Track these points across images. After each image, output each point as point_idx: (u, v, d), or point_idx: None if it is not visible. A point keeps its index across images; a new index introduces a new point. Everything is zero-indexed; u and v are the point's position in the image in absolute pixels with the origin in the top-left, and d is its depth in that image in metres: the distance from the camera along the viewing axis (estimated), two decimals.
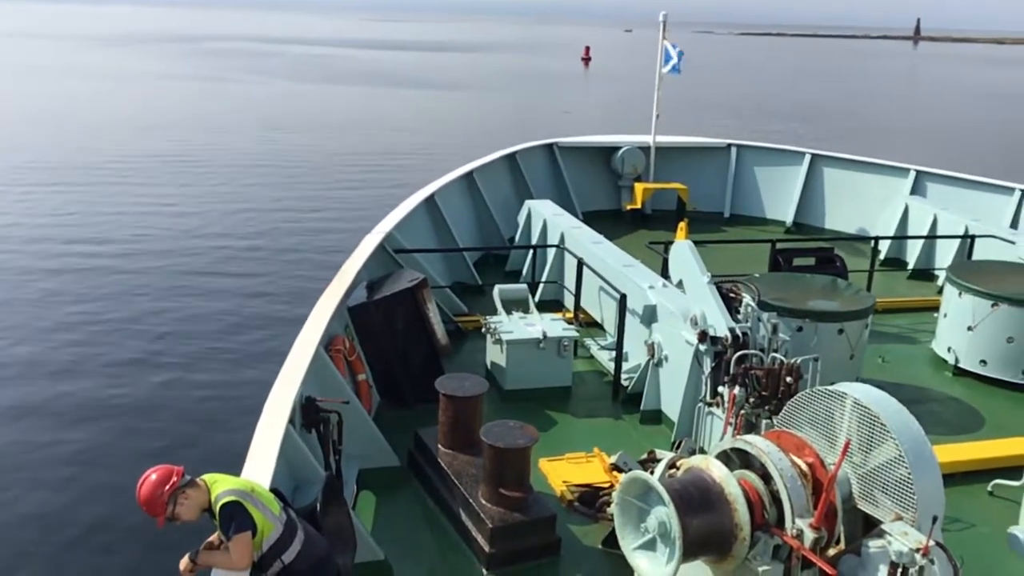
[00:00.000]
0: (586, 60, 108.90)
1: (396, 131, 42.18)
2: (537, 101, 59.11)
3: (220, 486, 4.88)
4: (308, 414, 6.72)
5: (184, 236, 21.84)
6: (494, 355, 9.49)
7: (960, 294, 10.24)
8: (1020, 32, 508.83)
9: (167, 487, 4.77)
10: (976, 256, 13.20)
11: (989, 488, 7.69)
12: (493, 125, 22.15)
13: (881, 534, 4.91)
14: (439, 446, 7.35)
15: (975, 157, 36.90)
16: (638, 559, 5.24)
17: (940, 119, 58.15)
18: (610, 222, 16.39)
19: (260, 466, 5.50)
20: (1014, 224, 14.66)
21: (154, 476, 4.82)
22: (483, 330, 9.68)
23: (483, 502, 6.64)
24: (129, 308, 16.65)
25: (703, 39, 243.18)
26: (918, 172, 16.36)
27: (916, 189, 16.20)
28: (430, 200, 13.19)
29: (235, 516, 4.77)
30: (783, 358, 7.36)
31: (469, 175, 15.02)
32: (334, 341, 8.08)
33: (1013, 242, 12.75)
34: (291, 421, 6.18)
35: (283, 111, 49.13)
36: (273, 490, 5.20)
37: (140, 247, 20.74)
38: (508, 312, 9.84)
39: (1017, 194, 15.05)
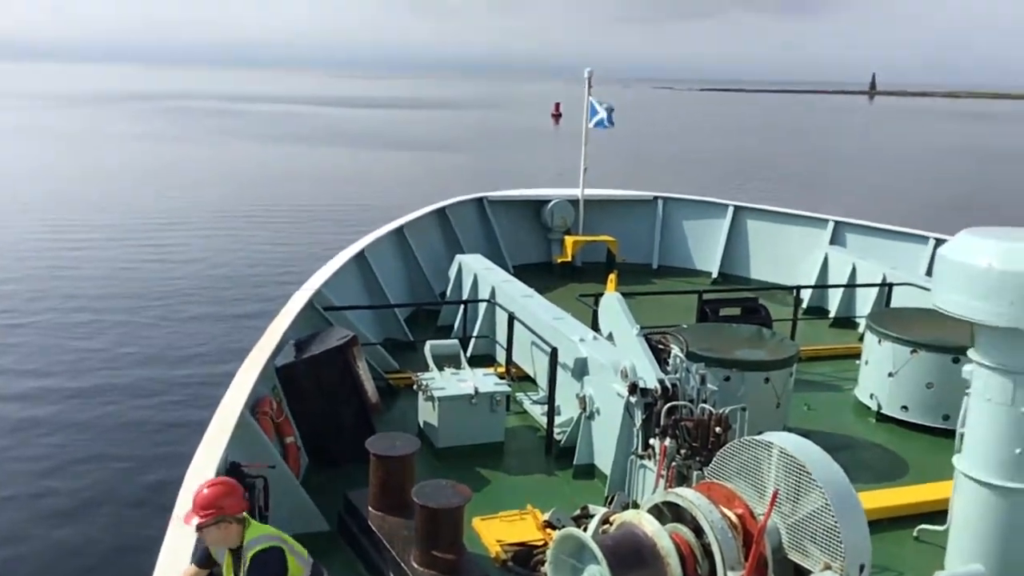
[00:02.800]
0: (556, 116, 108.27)
1: (346, 188, 42.29)
2: (517, 159, 59.63)
3: (255, 531, 4.86)
4: None
5: (107, 298, 21.33)
6: (426, 412, 9.39)
7: (880, 341, 10.52)
8: (975, 86, 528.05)
9: (227, 502, 4.77)
10: (894, 303, 13.59)
11: (915, 533, 7.83)
12: (474, 184, 22.39)
13: None
14: (370, 508, 7.19)
15: (908, 207, 38.45)
16: None
17: (877, 172, 60.50)
18: (541, 275, 16.49)
19: (182, 538, 5.32)
20: (929, 272, 15.17)
21: (223, 487, 4.86)
22: (415, 387, 9.58)
23: (416, 566, 6.50)
24: (48, 374, 16.11)
25: (661, 94, 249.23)
26: (836, 222, 16.88)
27: (835, 239, 16.69)
28: (360, 256, 13.11)
29: (271, 563, 4.76)
30: (712, 408, 7.44)
31: (399, 230, 15.00)
32: (261, 403, 7.91)
33: (928, 289, 13.16)
34: None
35: (226, 170, 49.03)
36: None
37: (56, 311, 20.15)
38: (440, 368, 9.76)
39: (932, 243, 15.59)
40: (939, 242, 15.58)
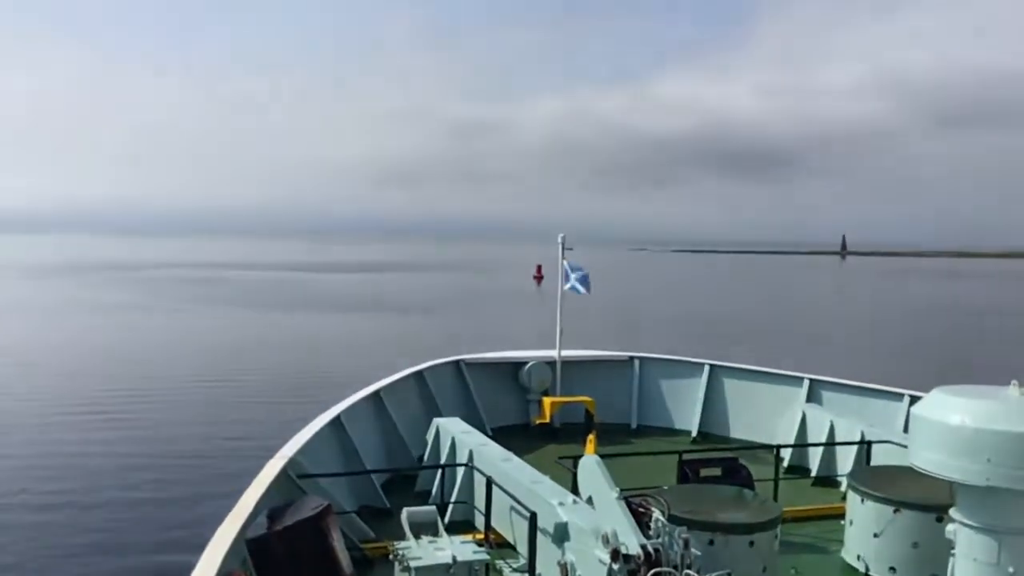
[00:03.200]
0: (538, 278, 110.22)
1: (325, 353, 42.14)
2: (504, 319, 60.19)
3: None
4: None
5: (72, 469, 20.84)
6: None
7: (863, 501, 10.41)
8: (940, 246, 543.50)
9: None
10: (874, 461, 13.51)
11: None
12: (461, 347, 22.51)
13: None
14: None
15: (882, 365, 38.92)
16: None
17: (851, 329, 61.37)
18: (520, 437, 16.35)
19: None
20: (906, 429, 15.17)
21: None
22: (391, 557, 9.30)
23: None
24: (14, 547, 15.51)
25: (637, 256, 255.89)
26: (811, 380, 17.00)
27: (811, 397, 16.77)
28: (336, 421, 12.98)
29: None
30: (697, 574, 7.25)
31: (376, 394, 14.93)
32: None
33: (906, 446, 13.13)
34: None
35: (198, 337, 48.98)
36: None
37: (30, 485, 19.60)
38: (417, 536, 9.50)
39: (907, 400, 15.68)
40: (914, 399, 15.67)
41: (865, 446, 13.87)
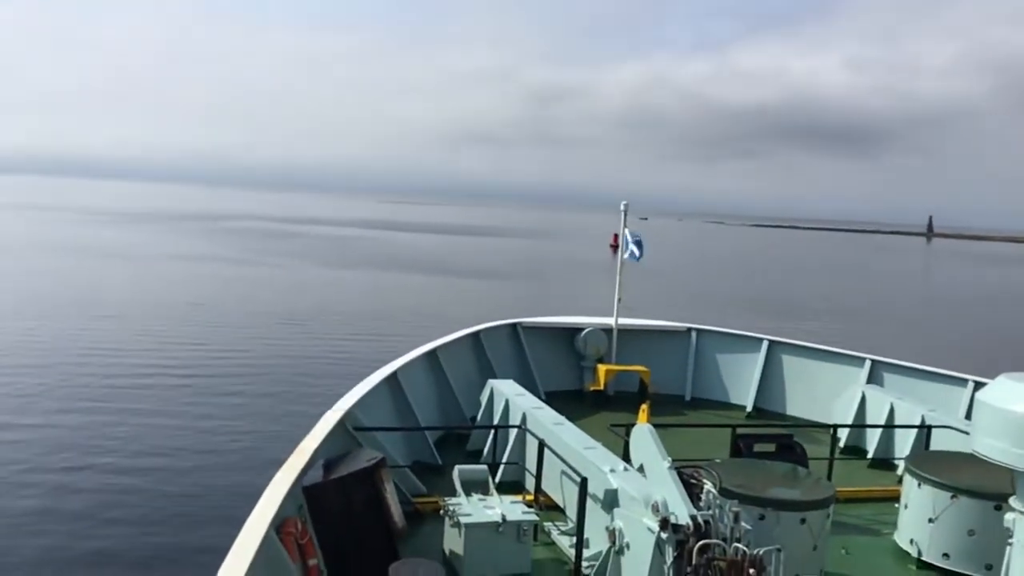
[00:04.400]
0: (615, 247, 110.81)
1: (398, 313, 42.56)
2: (574, 287, 60.30)
3: None
4: None
5: (135, 412, 21.53)
6: (451, 539, 9.22)
7: (919, 485, 10.22)
8: None
9: None
10: (933, 446, 13.25)
11: None
12: (535, 311, 22.39)
13: None
14: None
15: (960, 350, 38.04)
16: None
17: (926, 312, 59.83)
18: (573, 403, 16.38)
19: None
20: (969, 415, 14.80)
21: None
22: (441, 512, 9.46)
23: None
24: (82, 489, 16.14)
25: (713, 229, 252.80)
26: (873, 361, 16.67)
27: (872, 378, 16.46)
28: (392, 377, 13.16)
29: None
30: (746, 549, 7.22)
31: (432, 353, 15.09)
32: (286, 523, 7.83)
33: (968, 432, 12.84)
34: None
35: (269, 288, 49.86)
36: None
37: (81, 422, 20.32)
38: (468, 494, 9.65)
39: (971, 385, 15.29)
40: (978, 385, 15.27)
41: (925, 430, 13.59)
